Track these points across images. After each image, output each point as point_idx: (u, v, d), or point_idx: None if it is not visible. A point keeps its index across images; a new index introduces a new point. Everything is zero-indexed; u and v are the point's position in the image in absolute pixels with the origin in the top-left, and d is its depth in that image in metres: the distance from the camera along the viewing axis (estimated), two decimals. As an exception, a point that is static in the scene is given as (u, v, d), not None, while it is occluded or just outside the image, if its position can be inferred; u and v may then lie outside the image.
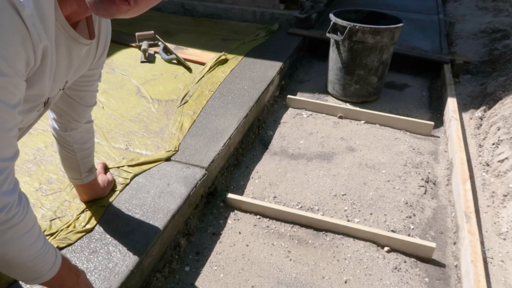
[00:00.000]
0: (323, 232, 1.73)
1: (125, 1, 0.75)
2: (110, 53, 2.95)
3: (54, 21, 0.78)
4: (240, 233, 1.72)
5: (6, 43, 0.64)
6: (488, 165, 2.16)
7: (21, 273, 0.87)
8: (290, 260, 1.60)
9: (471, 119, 2.66)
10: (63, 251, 1.33)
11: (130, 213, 1.49)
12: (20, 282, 1.20)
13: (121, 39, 3.17)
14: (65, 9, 0.82)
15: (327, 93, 2.95)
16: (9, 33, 0.64)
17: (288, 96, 2.77)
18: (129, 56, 2.92)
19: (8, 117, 0.71)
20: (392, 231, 1.74)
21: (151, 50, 2.99)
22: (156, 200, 1.56)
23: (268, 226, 1.76)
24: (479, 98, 2.85)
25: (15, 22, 0.64)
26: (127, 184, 1.64)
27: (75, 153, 1.30)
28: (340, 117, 2.64)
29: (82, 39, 0.91)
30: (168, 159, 1.82)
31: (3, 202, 0.73)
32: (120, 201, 1.55)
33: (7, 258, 0.81)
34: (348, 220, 1.79)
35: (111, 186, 1.59)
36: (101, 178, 1.55)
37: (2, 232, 0.75)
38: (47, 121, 1.47)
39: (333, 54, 2.77)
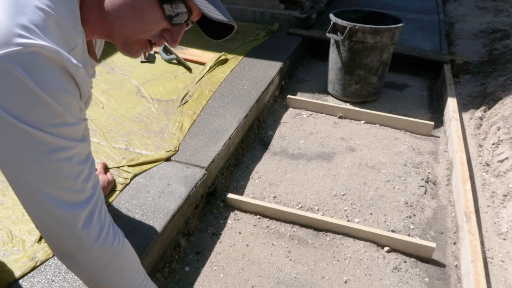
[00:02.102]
0: (323, 232, 1.73)
1: (149, 46, 0.91)
2: (110, 53, 2.95)
3: (88, 61, 0.89)
4: (240, 233, 1.72)
5: (68, 101, 0.74)
6: (488, 165, 2.16)
7: None
8: (290, 260, 1.60)
9: (471, 119, 2.66)
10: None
11: (130, 213, 1.49)
12: (20, 282, 1.21)
13: (121, 39, 3.17)
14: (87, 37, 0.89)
15: (327, 93, 2.95)
16: (67, 94, 0.74)
17: (288, 96, 2.77)
18: (129, 56, 2.92)
19: (82, 151, 0.80)
20: (392, 231, 1.74)
21: (151, 50, 2.98)
22: (156, 200, 1.56)
23: (268, 226, 1.76)
24: (479, 98, 2.85)
25: (68, 83, 0.74)
26: (127, 184, 1.64)
27: None
28: (340, 117, 2.64)
29: (94, 63, 1.01)
30: (168, 159, 1.82)
31: (98, 228, 0.83)
32: (120, 201, 1.55)
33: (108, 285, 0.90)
34: (348, 220, 1.79)
35: (111, 186, 1.60)
36: (101, 178, 1.55)
37: (108, 261, 0.86)
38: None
39: (333, 54, 2.77)
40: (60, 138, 0.74)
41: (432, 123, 2.48)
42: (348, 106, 2.77)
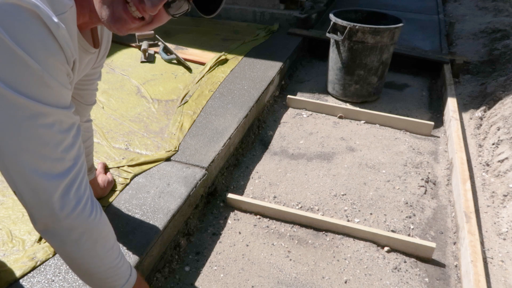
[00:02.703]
0: (323, 232, 1.73)
1: (136, 19, 0.80)
2: (110, 53, 2.95)
3: (76, 36, 0.82)
4: (240, 233, 1.72)
5: (50, 62, 0.69)
6: (488, 165, 2.16)
7: (95, 284, 0.92)
8: (290, 260, 1.60)
9: (471, 119, 2.66)
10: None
11: (130, 213, 1.49)
12: (20, 282, 1.21)
13: (121, 39, 3.17)
14: (78, 20, 0.84)
15: (327, 93, 2.95)
16: (49, 53, 0.68)
17: (288, 96, 2.77)
18: (129, 56, 2.92)
19: (65, 118, 0.76)
20: (392, 231, 1.74)
21: (151, 50, 2.99)
22: (156, 200, 1.56)
23: (268, 226, 1.76)
24: (479, 98, 2.85)
25: (50, 42, 0.68)
26: (127, 184, 1.64)
27: None
28: (340, 117, 2.64)
29: (91, 49, 0.96)
30: (168, 159, 1.82)
31: (74, 200, 0.79)
32: (120, 201, 1.55)
33: (81, 263, 0.87)
34: (348, 220, 1.79)
35: (111, 186, 1.60)
36: (101, 178, 1.55)
37: (80, 234, 0.82)
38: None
39: (333, 54, 2.77)
40: (38, 103, 0.69)
41: (432, 123, 2.48)
42: (348, 106, 2.77)
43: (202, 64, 2.84)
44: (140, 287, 1.05)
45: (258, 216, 1.81)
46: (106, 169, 1.69)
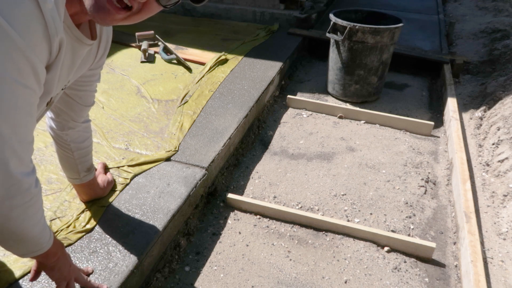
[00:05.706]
0: (323, 232, 1.73)
1: (121, 10, 0.79)
2: (110, 53, 2.95)
3: (63, 17, 0.80)
4: (240, 233, 1.72)
5: (31, 34, 0.68)
6: (488, 165, 2.16)
7: (27, 246, 0.92)
8: (290, 260, 1.60)
9: (471, 119, 2.66)
10: (63, 251, 1.33)
11: (130, 213, 1.49)
12: (20, 282, 1.21)
13: (121, 39, 3.17)
14: (69, 9, 0.83)
15: (327, 93, 2.95)
16: (31, 24, 0.68)
17: (288, 96, 2.77)
18: (129, 56, 2.92)
19: (34, 102, 0.76)
20: (392, 231, 1.74)
21: (151, 50, 2.99)
22: (156, 200, 1.56)
23: (268, 226, 1.76)
24: (479, 98, 2.85)
25: (36, 14, 0.68)
26: (127, 184, 1.64)
27: (73, 152, 1.30)
28: (340, 117, 2.64)
29: (85, 39, 0.93)
30: (168, 159, 1.82)
31: (28, 183, 0.80)
32: (120, 201, 1.55)
33: (22, 232, 0.86)
34: (348, 220, 1.79)
35: (111, 186, 1.59)
36: (101, 178, 1.55)
37: (25, 209, 0.82)
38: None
39: (333, 54, 2.77)
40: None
41: (432, 123, 2.48)
42: (348, 106, 2.77)
43: (202, 64, 2.84)
44: (55, 239, 1.03)
45: (258, 216, 1.81)
46: (106, 169, 1.69)
